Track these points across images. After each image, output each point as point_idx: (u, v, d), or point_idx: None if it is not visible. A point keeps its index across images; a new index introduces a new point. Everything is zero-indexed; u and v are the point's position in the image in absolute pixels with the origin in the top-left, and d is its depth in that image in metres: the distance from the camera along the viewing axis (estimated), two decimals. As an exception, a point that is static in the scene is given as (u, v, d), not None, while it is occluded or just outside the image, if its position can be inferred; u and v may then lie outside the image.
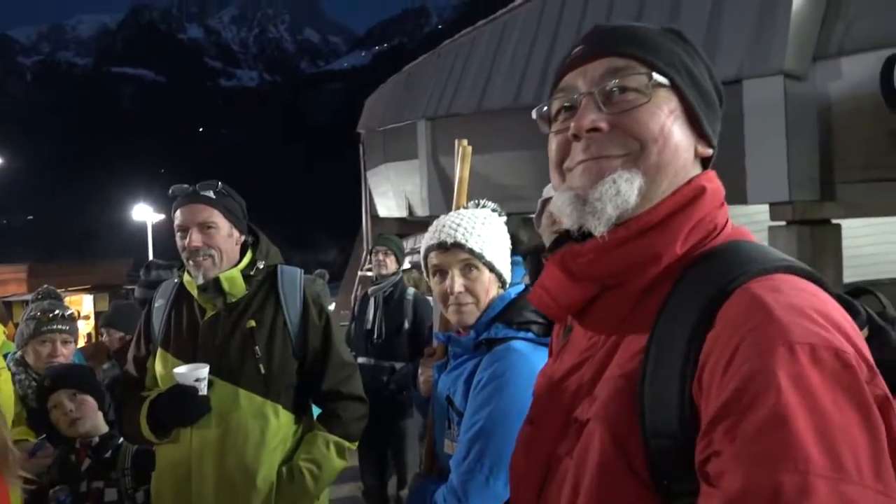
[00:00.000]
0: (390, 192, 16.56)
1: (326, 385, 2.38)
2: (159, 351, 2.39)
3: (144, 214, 31.97)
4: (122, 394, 2.46)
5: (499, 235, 1.91)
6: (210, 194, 2.33)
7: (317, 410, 2.52)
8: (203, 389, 2.17)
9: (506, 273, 1.91)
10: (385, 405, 4.29)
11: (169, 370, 2.28)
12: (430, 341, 4.60)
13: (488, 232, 1.87)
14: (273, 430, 2.28)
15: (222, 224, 2.33)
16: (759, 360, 0.70)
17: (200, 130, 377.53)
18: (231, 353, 2.28)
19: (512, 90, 9.97)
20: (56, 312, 3.12)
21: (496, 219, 1.95)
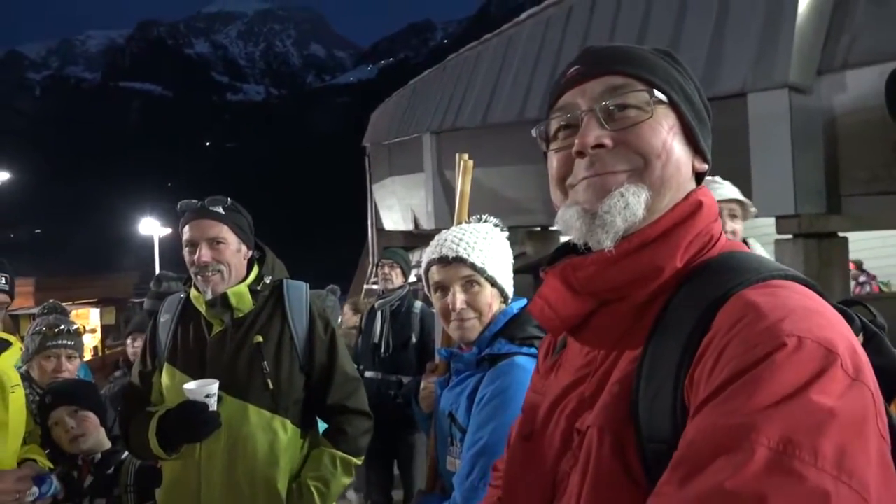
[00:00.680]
0: (396, 206, 16.60)
1: (332, 399, 2.37)
2: (166, 366, 2.38)
3: (151, 228, 32.10)
4: (127, 409, 2.44)
5: (501, 250, 1.91)
6: (219, 210, 2.34)
7: (322, 425, 2.52)
8: (213, 405, 2.16)
9: (508, 288, 1.90)
10: (392, 419, 4.26)
11: (176, 385, 2.27)
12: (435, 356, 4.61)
13: (490, 247, 1.87)
14: (281, 445, 2.27)
15: (231, 239, 2.33)
16: (748, 353, 0.71)
17: (207, 144, 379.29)
18: (239, 369, 2.27)
19: (517, 104, 10.01)
20: (62, 327, 3.11)
21: (498, 234, 1.95)
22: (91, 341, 19.15)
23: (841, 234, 5.46)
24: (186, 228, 2.34)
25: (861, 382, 0.70)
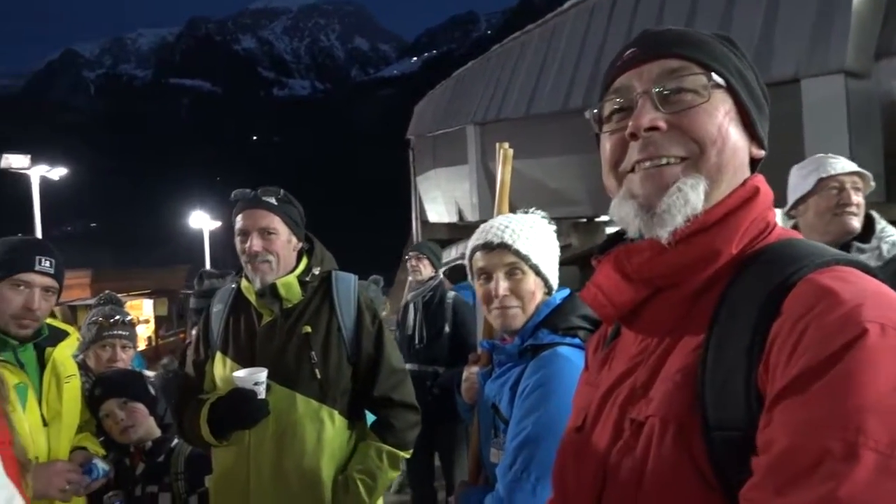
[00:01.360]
0: (440, 198, 16.63)
1: (378, 391, 2.38)
2: (218, 355, 2.42)
3: (201, 222, 32.75)
4: (181, 397, 2.49)
5: (546, 241, 1.89)
6: (272, 201, 2.36)
7: (370, 417, 2.53)
8: (261, 393, 2.20)
9: (552, 279, 1.87)
10: (429, 411, 4.26)
11: (227, 374, 2.32)
12: (474, 346, 4.58)
13: (536, 236, 1.85)
14: (329, 435, 2.29)
15: (282, 230, 2.35)
16: (828, 342, 0.69)
17: (254, 139, 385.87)
18: (288, 358, 2.30)
19: (561, 94, 9.91)
20: (117, 318, 3.21)
21: (545, 225, 1.93)
22: (145, 332, 19.71)
23: (901, 223, 5.27)
24: (239, 217, 2.37)
25: None
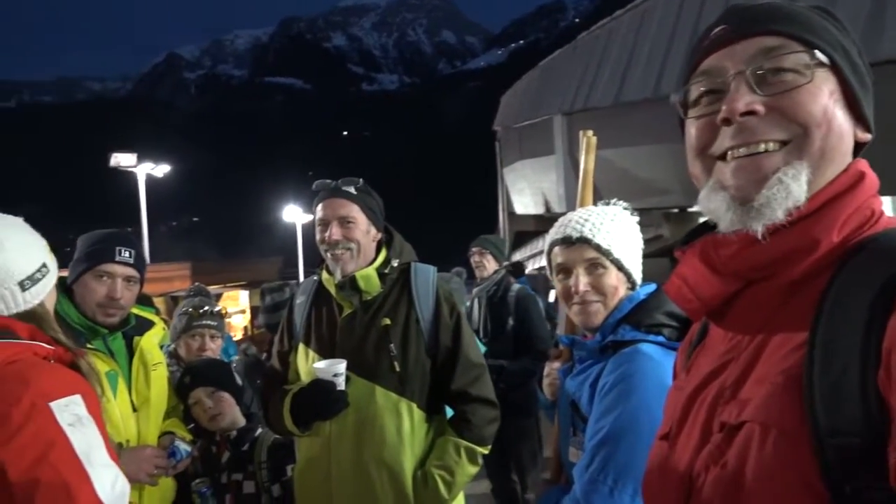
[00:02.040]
0: (526, 189, 16.50)
1: (455, 385, 2.36)
2: (300, 346, 2.46)
3: (294, 215, 33.78)
4: (267, 387, 2.54)
5: (629, 233, 1.80)
6: (351, 190, 2.39)
7: (449, 412, 2.51)
8: (341, 385, 2.22)
9: (635, 273, 1.79)
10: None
11: (309, 365, 2.35)
12: (539, 339, 4.52)
13: (617, 229, 1.77)
14: (407, 428, 2.29)
15: (361, 220, 2.37)
16: None
17: (345, 134, 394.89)
18: (367, 351, 2.31)
19: (651, 81, 9.62)
20: (206, 309, 3.33)
21: (627, 216, 1.83)
22: (241, 321, 20.48)
23: None
24: (319, 207, 2.40)
25: None
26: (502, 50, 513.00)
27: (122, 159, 24.38)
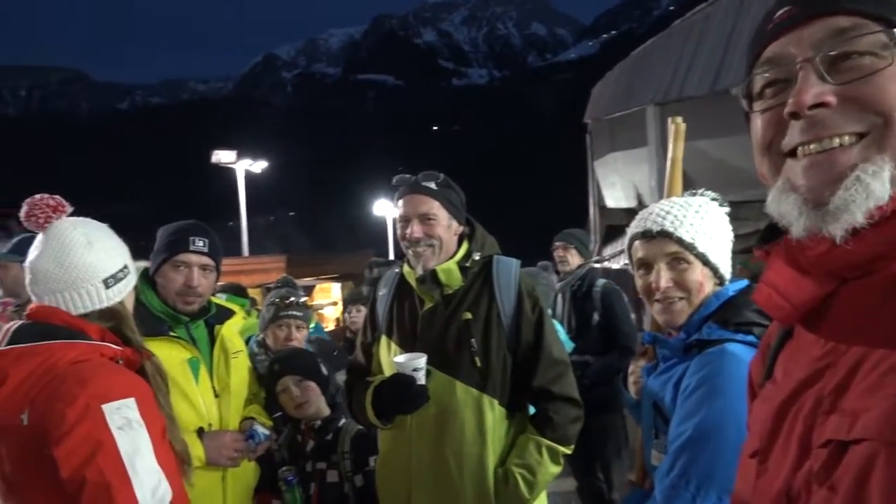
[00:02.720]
0: (618, 182, 16.12)
1: (537, 382, 2.30)
2: (383, 338, 2.46)
3: (384, 209, 34.32)
4: (351, 378, 2.56)
5: (716, 225, 1.69)
6: (432, 185, 2.34)
7: (532, 410, 2.45)
8: (421, 379, 2.19)
9: (723, 268, 1.68)
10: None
11: (391, 357, 2.34)
12: (626, 335, 4.38)
13: (702, 221, 1.66)
14: (489, 424, 2.24)
15: (442, 216, 2.33)
16: None
17: (434, 129, 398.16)
18: (448, 345, 2.28)
19: (752, 67, 9.19)
20: (292, 300, 3.42)
21: (714, 208, 1.72)
22: (333, 313, 21.03)
23: None
24: (400, 203, 2.38)
25: None
26: (594, 41, 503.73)
27: (223, 156, 25.48)
